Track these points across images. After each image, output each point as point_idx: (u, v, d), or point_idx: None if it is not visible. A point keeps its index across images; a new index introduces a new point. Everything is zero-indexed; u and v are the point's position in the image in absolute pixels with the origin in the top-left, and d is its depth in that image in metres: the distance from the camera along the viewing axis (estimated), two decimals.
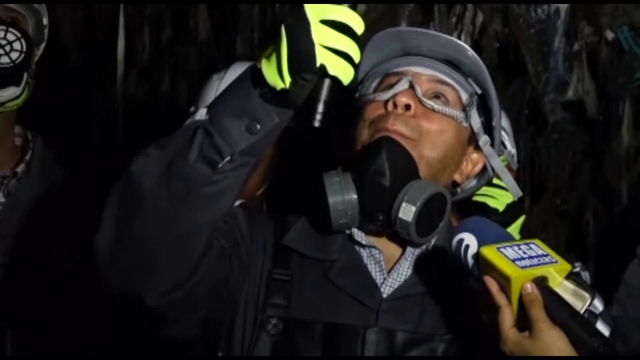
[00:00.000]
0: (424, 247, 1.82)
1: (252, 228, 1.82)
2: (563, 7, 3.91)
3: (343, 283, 1.79)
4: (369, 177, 1.74)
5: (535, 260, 1.57)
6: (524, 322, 1.54)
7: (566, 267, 1.57)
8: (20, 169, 2.31)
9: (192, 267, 1.62)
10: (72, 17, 4.09)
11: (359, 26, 1.48)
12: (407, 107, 1.78)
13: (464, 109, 1.84)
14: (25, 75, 2.27)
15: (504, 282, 1.55)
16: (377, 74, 1.89)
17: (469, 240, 1.62)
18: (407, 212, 1.73)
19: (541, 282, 1.54)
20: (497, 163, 1.90)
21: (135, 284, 1.60)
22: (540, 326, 1.52)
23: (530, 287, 1.53)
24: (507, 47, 4.04)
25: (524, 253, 1.57)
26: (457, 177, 1.89)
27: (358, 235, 1.81)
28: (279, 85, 1.50)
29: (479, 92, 1.87)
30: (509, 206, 2.41)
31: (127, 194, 1.55)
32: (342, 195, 1.74)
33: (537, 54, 3.96)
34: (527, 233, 2.52)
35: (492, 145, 1.89)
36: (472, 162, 1.89)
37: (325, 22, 1.47)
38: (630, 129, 4.12)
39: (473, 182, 1.97)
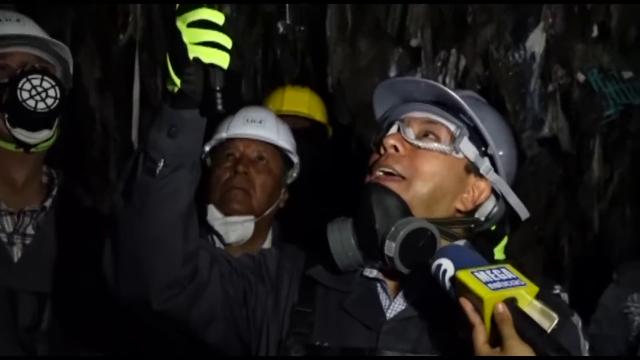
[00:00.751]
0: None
1: (281, 264, 1.87)
2: (538, 51, 3.93)
3: (355, 312, 1.81)
4: (361, 221, 1.78)
5: (506, 283, 1.58)
6: (495, 338, 1.56)
7: (534, 289, 1.59)
8: (47, 203, 2.31)
9: (184, 269, 1.71)
10: (91, 62, 4.10)
11: (218, 19, 1.57)
12: (395, 148, 1.81)
13: (453, 141, 1.84)
14: (57, 120, 2.29)
15: (478, 302, 1.57)
16: (384, 124, 1.92)
17: (447, 265, 1.64)
18: (390, 248, 1.75)
19: (511, 303, 1.56)
20: (504, 187, 1.88)
21: (137, 290, 1.71)
22: (510, 342, 1.54)
23: (501, 307, 1.55)
24: (487, 88, 4.02)
25: (496, 276, 1.59)
26: (459, 206, 1.87)
27: (366, 270, 1.83)
28: (175, 88, 1.60)
29: (472, 124, 1.85)
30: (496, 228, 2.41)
31: (112, 218, 1.69)
32: (340, 241, 1.78)
33: (515, 95, 3.97)
34: (507, 257, 2.52)
35: (496, 171, 1.87)
36: (479, 189, 1.87)
37: (192, 25, 1.56)
38: (600, 163, 4.13)
39: (490, 208, 1.91)
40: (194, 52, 1.56)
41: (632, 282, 2.74)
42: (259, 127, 2.71)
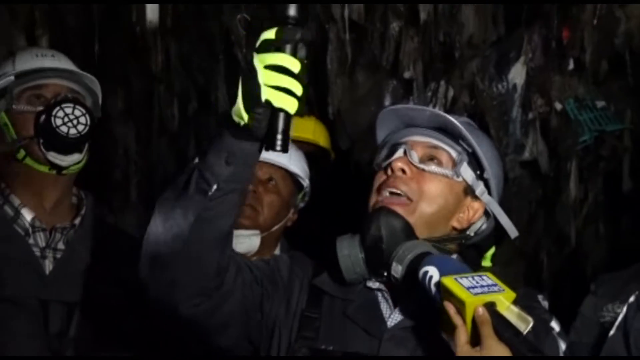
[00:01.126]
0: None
1: (292, 270, 1.88)
2: (519, 83, 3.94)
3: (356, 318, 1.82)
4: (370, 241, 1.77)
5: (486, 289, 1.59)
6: (476, 339, 1.58)
7: (512, 295, 1.60)
8: (77, 221, 2.32)
9: (214, 280, 1.71)
10: (115, 93, 4.11)
11: (295, 67, 1.52)
12: (403, 171, 1.81)
13: (455, 166, 1.85)
14: (86, 144, 2.31)
15: (460, 306, 1.59)
16: (386, 146, 1.92)
17: (432, 272, 1.65)
18: (396, 270, 1.75)
19: (490, 307, 1.57)
20: (496, 208, 1.91)
21: (168, 295, 1.70)
22: (489, 342, 1.55)
23: (481, 310, 1.56)
24: (474, 116, 3.97)
25: (477, 283, 1.60)
26: (455, 224, 1.88)
27: (369, 282, 1.84)
28: (242, 121, 1.56)
29: (470, 150, 1.87)
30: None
31: (153, 227, 1.65)
32: (349, 257, 1.78)
33: (498, 122, 3.97)
34: (494, 266, 2.53)
35: (489, 193, 1.89)
36: (473, 209, 1.89)
37: (269, 67, 1.52)
38: (576, 183, 4.12)
39: (479, 225, 1.93)
40: (267, 94, 1.52)
41: (608, 293, 2.73)
42: (273, 152, 2.72)
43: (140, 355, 2.29)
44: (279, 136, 1.55)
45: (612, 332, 1.97)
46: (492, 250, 2.40)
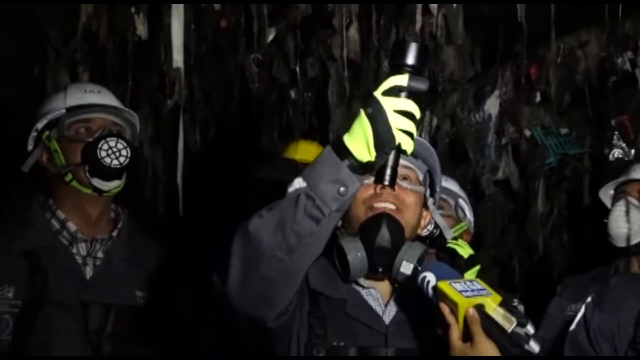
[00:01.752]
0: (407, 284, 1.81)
1: None
2: (494, 113, 3.95)
3: (356, 315, 1.80)
4: (377, 242, 1.75)
5: (476, 292, 1.59)
6: (467, 335, 1.57)
7: (498, 298, 1.59)
8: (114, 234, 2.31)
9: (292, 298, 1.66)
10: (145, 121, 4.12)
11: (417, 114, 1.47)
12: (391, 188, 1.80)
13: (422, 184, 1.88)
14: (125, 172, 2.30)
15: (454, 307, 1.59)
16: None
17: (430, 277, 1.65)
18: (407, 267, 1.75)
19: (480, 308, 1.57)
20: (437, 217, 1.98)
21: (259, 310, 1.62)
22: (478, 339, 1.55)
23: (472, 311, 1.56)
24: (454, 142, 4.06)
25: (468, 287, 1.60)
26: (419, 230, 1.90)
27: (361, 280, 1.82)
28: (366, 158, 1.46)
29: (427, 169, 1.91)
30: (471, 256, 2.41)
31: (250, 245, 1.53)
32: (358, 256, 1.76)
33: (476, 147, 3.99)
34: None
35: (434, 203, 1.94)
36: (425, 218, 1.91)
37: (398, 112, 1.45)
38: (543, 199, 4.14)
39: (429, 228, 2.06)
40: (399, 138, 1.44)
41: (572, 295, 2.73)
42: None
43: (164, 352, 2.26)
44: (388, 171, 1.50)
45: (572, 327, 1.96)
46: (477, 267, 2.40)
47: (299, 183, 1.52)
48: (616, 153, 3.73)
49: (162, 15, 3.28)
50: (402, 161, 1.80)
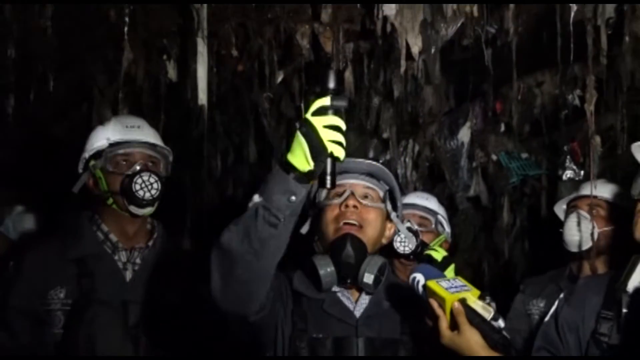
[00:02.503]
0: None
1: (279, 279, 1.81)
2: (466, 141, 3.95)
3: (332, 312, 1.80)
4: (343, 259, 1.75)
5: (459, 288, 1.61)
6: (454, 325, 1.58)
7: (477, 292, 1.62)
8: (150, 243, 2.30)
9: (267, 295, 1.65)
10: (175, 148, 4.12)
11: (343, 126, 1.48)
12: (354, 206, 1.80)
13: (383, 201, 1.86)
14: (157, 202, 2.29)
15: (441, 301, 1.60)
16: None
17: (419, 277, 1.67)
18: (368, 278, 1.77)
19: (463, 301, 1.58)
20: (401, 226, 1.95)
21: (240, 307, 1.62)
22: (463, 327, 1.56)
23: (457, 304, 1.57)
24: (433, 165, 4.05)
25: (452, 284, 1.62)
26: (383, 240, 1.89)
27: (334, 287, 1.82)
28: (306, 168, 1.48)
29: (388, 188, 1.89)
30: (444, 257, 2.41)
31: (224, 255, 1.54)
32: (327, 270, 1.76)
33: (451, 169, 3.98)
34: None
35: (397, 216, 1.92)
36: (389, 229, 1.90)
37: (327, 127, 1.46)
38: (508, 213, 4.13)
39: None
40: (330, 148, 1.46)
41: (532, 292, 2.72)
42: None
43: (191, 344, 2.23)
44: (329, 177, 1.51)
45: (547, 319, 1.95)
46: (452, 266, 2.40)
47: (256, 198, 1.53)
48: (568, 174, 3.72)
49: (189, 61, 3.29)
50: (364, 182, 1.86)
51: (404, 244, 2.27)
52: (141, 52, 3.44)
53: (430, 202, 2.73)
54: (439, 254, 2.41)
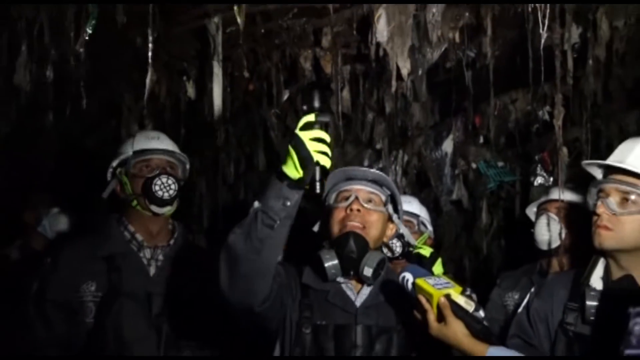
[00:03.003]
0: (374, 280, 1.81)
1: (287, 273, 1.81)
2: (449, 151, 3.95)
3: (335, 301, 1.79)
4: (346, 253, 1.76)
5: (444, 285, 1.60)
6: (440, 317, 1.58)
7: (459, 288, 1.60)
8: (171, 242, 2.30)
9: (271, 288, 1.65)
10: (194, 158, 4.12)
11: (327, 138, 1.52)
12: (358, 210, 1.80)
13: (385, 205, 1.86)
14: (175, 201, 2.28)
15: (429, 297, 1.59)
16: (334, 192, 1.88)
17: (408, 276, 1.65)
18: (367, 271, 1.76)
19: (448, 296, 1.57)
20: (403, 228, 1.95)
21: (245, 300, 1.63)
22: (449, 319, 1.56)
23: (443, 299, 1.57)
24: (420, 172, 4.05)
25: (438, 282, 1.61)
26: (385, 239, 1.89)
27: (339, 279, 1.81)
28: (297, 176, 1.52)
29: (389, 193, 1.88)
30: (431, 253, 2.41)
31: (230, 254, 1.57)
32: (331, 263, 1.76)
33: (436, 176, 3.98)
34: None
35: (399, 218, 1.92)
36: (391, 229, 1.89)
37: (313, 139, 1.50)
38: (486, 214, 4.12)
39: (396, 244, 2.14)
40: (316, 157, 1.50)
41: (508, 286, 2.71)
42: None
43: (208, 331, 2.22)
44: (318, 184, 1.53)
45: (520, 310, 1.94)
46: (439, 260, 2.39)
47: (256, 204, 1.56)
48: (539, 180, 3.72)
49: (206, 82, 3.30)
50: (368, 188, 1.85)
51: (393, 248, 2.26)
52: (164, 74, 3.45)
53: (413, 206, 2.72)
54: (426, 252, 2.41)
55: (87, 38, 2.65)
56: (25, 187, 3.48)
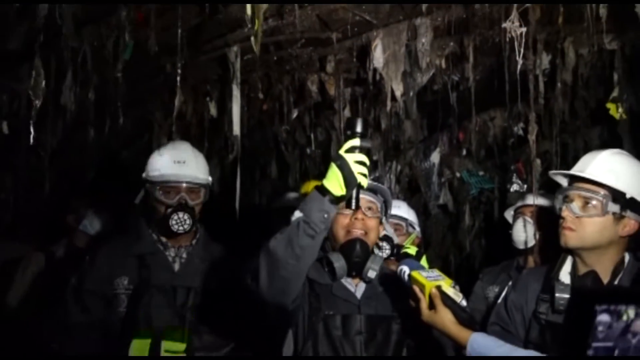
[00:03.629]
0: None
1: None
2: (437, 162, 3.93)
3: (339, 294, 1.75)
4: (353, 256, 1.72)
5: (436, 278, 1.56)
6: (431, 305, 1.53)
7: (449, 281, 1.56)
8: (194, 242, 2.25)
9: (301, 288, 1.62)
10: (214, 169, 4.11)
11: (367, 162, 1.49)
12: (362, 218, 1.76)
13: (380, 211, 1.82)
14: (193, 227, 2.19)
15: (422, 287, 1.55)
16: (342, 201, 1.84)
17: (405, 268, 1.60)
18: (372, 273, 1.73)
19: (439, 287, 1.53)
20: (388, 228, 1.95)
21: (281, 299, 1.58)
22: (439, 308, 1.51)
23: (434, 289, 1.52)
24: (411, 180, 4.02)
25: (430, 274, 1.57)
26: (378, 240, 1.86)
27: (344, 277, 1.77)
28: (339, 193, 1.48)
29: (383, 200, 1.84)
30: (417, 252, 2.36)
31: (270, 258, 1.52)
32: (340, 264, 1.72)
33: (425, 184, 3.96)
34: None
35: (386, 221, 1.89)
36: (380, 230, 1.84)
37: (357, 162, 1.47)
38: (469, 216, 4.10)
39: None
40: (359, 178, 1.48)
41: (489, 280, 2.66)
42: None
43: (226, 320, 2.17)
44: (354, 200, 1.52)
45: (499, 302, 1.91)
46: (424, 256, 2.34)
47: (298, 214, 1.51)
48: (514, 187, 3.70)
49: (226, 102, 3.28)
50: (368, 197, 1.80)
51: (383, 250, 2.20)
52: (190, 95, 3.44)
53: (401, 210, 2.67)
54: (412, 250, 2.37)
55: (124, 65, 2.64)
56: (69, 193, 3.46)
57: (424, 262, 2.37)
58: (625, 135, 2.95)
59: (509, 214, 2.72)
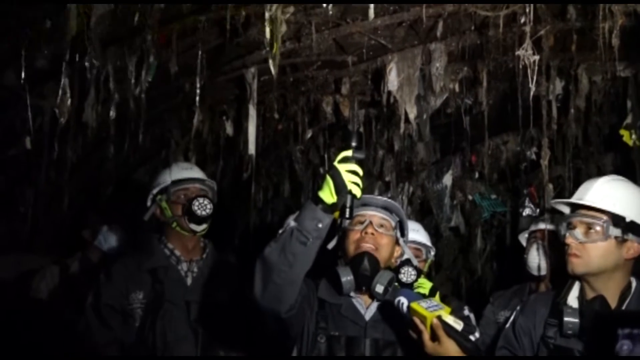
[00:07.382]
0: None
1: (308, 287, 1.75)
2: (449, 184, 3.91)
3: (347, 314, 1.74)
4: (360, 271, 1.71)
5: (435, 307, 1.53)
6: (434, 337, 1.51)
7: (448, 309, 1.54)
8: (204, 256, 2.28)
9: (296, 298, 1.60)
10: (230, 186, 4.14)
11: (360, 172, 1.49)
12: (372, 233, 1.75)
13: (394, 229, 1.80)
14: (210, 219, 2.26)
15: (423, 319, 1.52)
16: (352, 216, 1.79)
17: (403, 300, 1.58)
18: (380, 288, 1.71)
19: (440, 317, 1.51)
20: (407, 250, 1.88)
21: (274, 306, 1.57)
22: (442, 339, 1.49)
23: (435, 320, 1.50)
24: (424, 202, 4.01)
25: (430, 305, 1.55)
26: (392, 260, 1.83)
27: (352, 294, 1.76)
28: (331, 201, 1.48)
29: (398, 219, 1.83)
30: (430, 290, 2.30)
31: (265, 264, 1.53)
32: (348, 279, 1.71)
33: (437, 205, 3.93)
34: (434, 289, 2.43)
35: (405, 242, 1.87)
36: (397, 251, 1.83)
37: (348, 171, 1.48)
38: (481, 240, 4.07)
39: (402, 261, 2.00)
40: (350, 187, 1.47)
41: (500, 304, 2.62)
42: None
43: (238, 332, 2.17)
44: (348, 209, 1.51)
45: (507, 326, 1.89)
46: (437, 293, 2.29)
47: (292, 223, 1.52)
48: (527, 211, 3.66)
49: (242, 121, 3.33)
50: (381, 214, 1.79)
51: (407, 276, 2.17)
52: (207, 114, 3.49)
53: (420, 234, 2.62)
54: (425, 289, 2.33)
55: (146, 85, 2.69)
56: (86, 208, 3.51)
57: (436, 299, 2.33)
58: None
59: (523, 238, 2.71)
